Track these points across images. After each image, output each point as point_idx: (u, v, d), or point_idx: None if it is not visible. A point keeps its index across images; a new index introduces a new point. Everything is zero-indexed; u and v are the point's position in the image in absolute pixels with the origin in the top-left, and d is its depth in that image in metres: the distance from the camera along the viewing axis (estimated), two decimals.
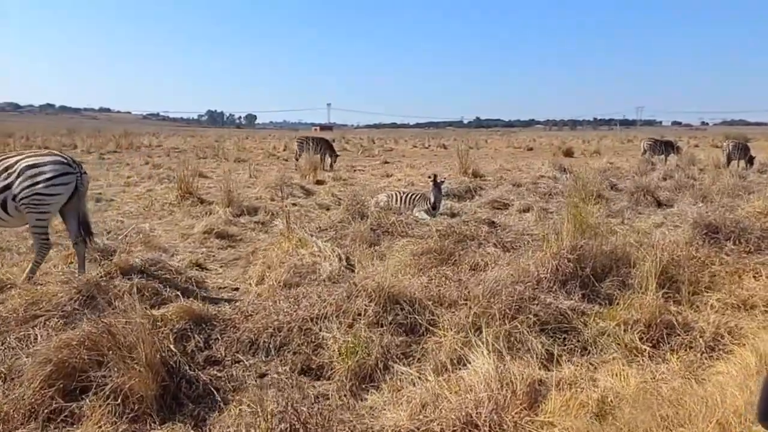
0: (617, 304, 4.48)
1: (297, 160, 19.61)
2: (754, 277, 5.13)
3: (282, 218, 7.48)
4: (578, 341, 4.16)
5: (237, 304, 4.79)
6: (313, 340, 4.08)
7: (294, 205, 10.77)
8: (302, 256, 6.26)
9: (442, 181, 10.02)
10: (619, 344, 4.06)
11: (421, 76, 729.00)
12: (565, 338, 4.16)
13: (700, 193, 10.37)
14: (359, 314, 4.24)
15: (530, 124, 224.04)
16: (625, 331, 4.15)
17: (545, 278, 4.92)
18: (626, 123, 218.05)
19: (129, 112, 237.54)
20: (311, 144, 19.79)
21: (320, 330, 4.14)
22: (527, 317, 4.25)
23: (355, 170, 19.36)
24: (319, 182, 14.55)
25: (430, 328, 4.18)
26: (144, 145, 32.47)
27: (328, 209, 10.33)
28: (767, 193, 8.68)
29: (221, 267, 6.53)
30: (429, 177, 9.94)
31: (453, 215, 9.75)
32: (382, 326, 4.18)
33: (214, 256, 7.00)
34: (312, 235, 6.78)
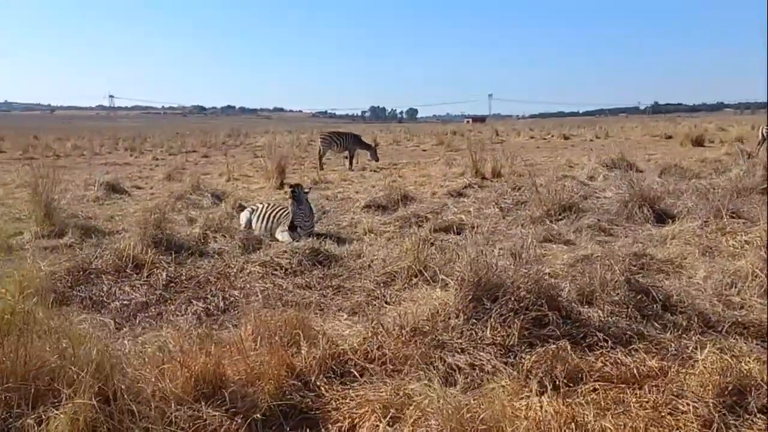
0: None
1: (320, 158, 17.56)
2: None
3: None
4: None
5: None
6: None
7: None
8: None
9: (308, 191, 7.21)
10: None
11: (594, 60, 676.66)
12: None
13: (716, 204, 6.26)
14: None
15: (718, 107, 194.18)
16: None
17: None
18: None
19: (300, 111, 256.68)
20: (336, 139, 17.64)
21: None
22: None
23: (379, 170, 16.61)
24: (282, 185, 12.25)
25: None
26: (236, 145, 32.89)
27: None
28: None
29: None
30: (289, 186, 7.21)
31: (319, 235, 6.91)
32: None
33: None
34: None
